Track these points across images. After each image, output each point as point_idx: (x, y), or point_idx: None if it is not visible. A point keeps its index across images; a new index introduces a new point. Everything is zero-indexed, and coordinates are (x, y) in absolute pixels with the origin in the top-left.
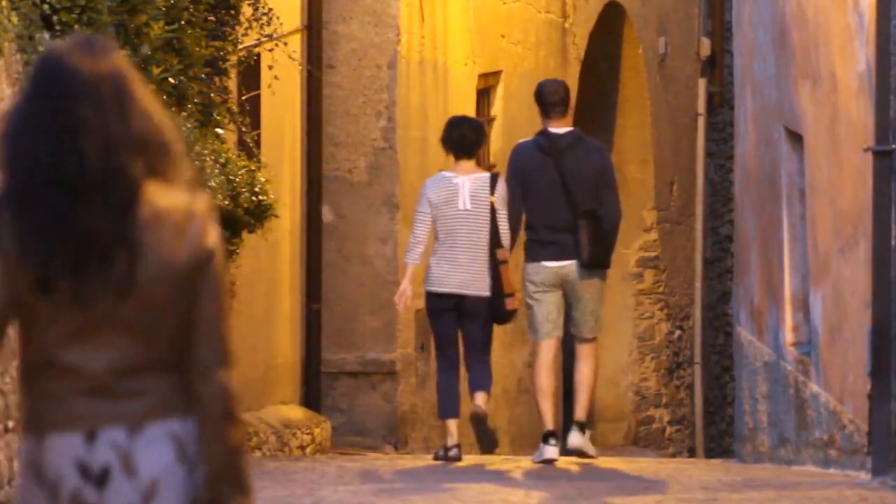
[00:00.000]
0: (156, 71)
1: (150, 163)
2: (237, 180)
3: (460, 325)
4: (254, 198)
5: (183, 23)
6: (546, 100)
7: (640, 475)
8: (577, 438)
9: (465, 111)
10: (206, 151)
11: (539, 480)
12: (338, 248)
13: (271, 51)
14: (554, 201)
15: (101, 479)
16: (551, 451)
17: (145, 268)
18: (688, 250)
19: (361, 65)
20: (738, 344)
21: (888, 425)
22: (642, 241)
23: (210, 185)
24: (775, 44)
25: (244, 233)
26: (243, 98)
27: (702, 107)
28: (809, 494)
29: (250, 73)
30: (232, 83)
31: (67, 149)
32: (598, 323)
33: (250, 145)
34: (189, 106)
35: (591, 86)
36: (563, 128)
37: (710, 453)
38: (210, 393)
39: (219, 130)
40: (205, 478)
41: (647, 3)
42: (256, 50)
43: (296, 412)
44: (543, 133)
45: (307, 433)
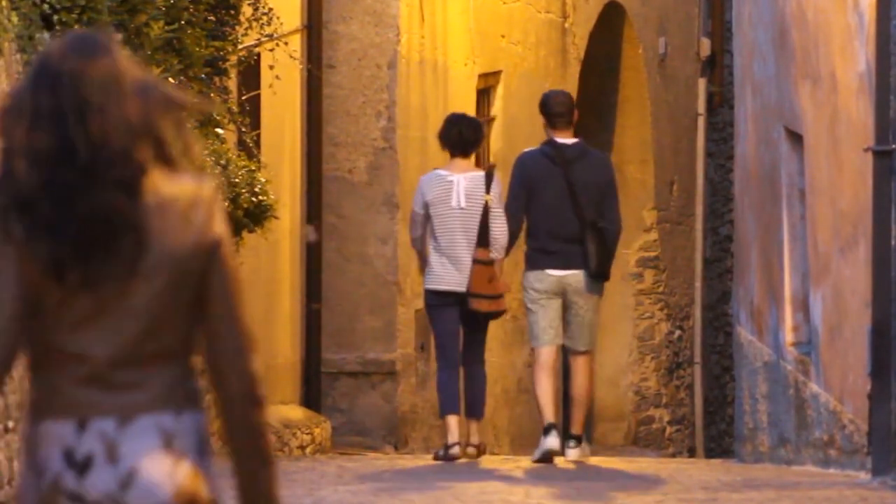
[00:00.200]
0: (156, 71)
1: (155, 149)
2: (237, 180)
3: (462, 321)
4: (254, 198)
5: (183, 23)
6: (552, 110)
7: (640, 475)
8: (575, 454)
9: (465, 111)
10: (206, 151)
11: (539, 480)
12: (338, 248)
13: (272, 51)
14: (560, 211)
15: (83, 466)
16: (552, 441)
17: (151, 252)
18: (688, 250)
19: (361, 65)
20: (738, 344)
21: (888, 425)
22: (642, 241)
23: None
24: (775, 44)
25: (244, 233)
26: (243, 98)
27: (702, 107)
28: (809, 494)
29: (250, 73)
30: (232, 83)
31: (69, 134)
32: (594, 336)
33: (250, 145)
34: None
35: (591, 86)
36: (568, 138)
37: (710, 453)
38: (234, 380)
39: (219, 130)
40: (233, 457)
41: (647, 3)
42: (256, 50)
43: (296, 412)
44: (550, 143)
45: (307, 433)
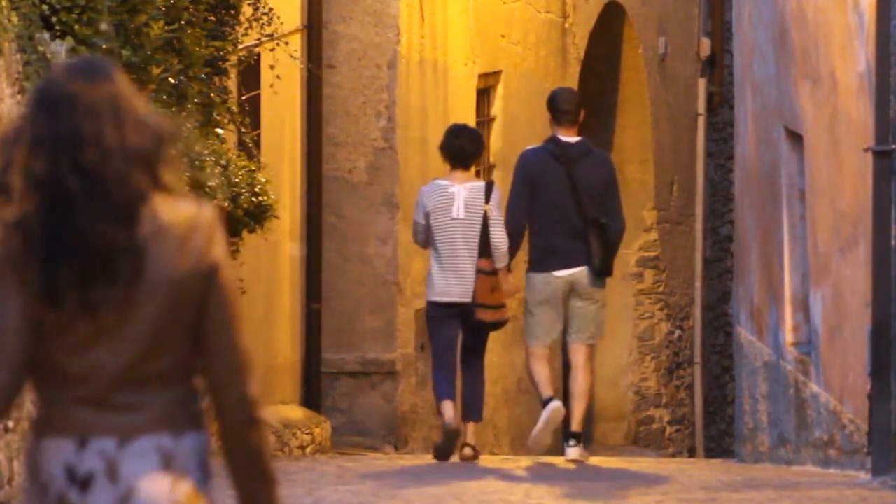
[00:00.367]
0: (156, 71)
1: (154, 175)
2: (237, 181)
3: (463, 331)
4: (254, 198)
5: (183, 23)
6: (560, 108)
7: (640, 475)
8: (574, 452)
9: (465, 111)
10: (206, 151)
11: (539, 480)
12: (338, 248)
13: (272, 51)
14: (564, 209)
15: (84, 483)
16: (554, 404)
17: (150, 278)
18: (688, 250)
19: (361, 65)
20: (738, 344)
21: (888, 425)
22: (642, 241)
23: (210, 185)
24: (775, 44)
25: (244, 233)
26: (243, 98)
27: (702, 107)
28: (809, 494)
29: (250, 73)
30: (232, 83)
31: (67, 162)
32: (599, 330)
33: (250, 145)
34: (189, 106)
35: (591, 86)
36: (572, 137)
37: (710, 453)
38: (231, 404)
39: (219, 130)
40: (233, 477)
41: (647, 3)
42: (256, 50)
43: (296, 412)
44: (554, 140)
45: (307, 433)
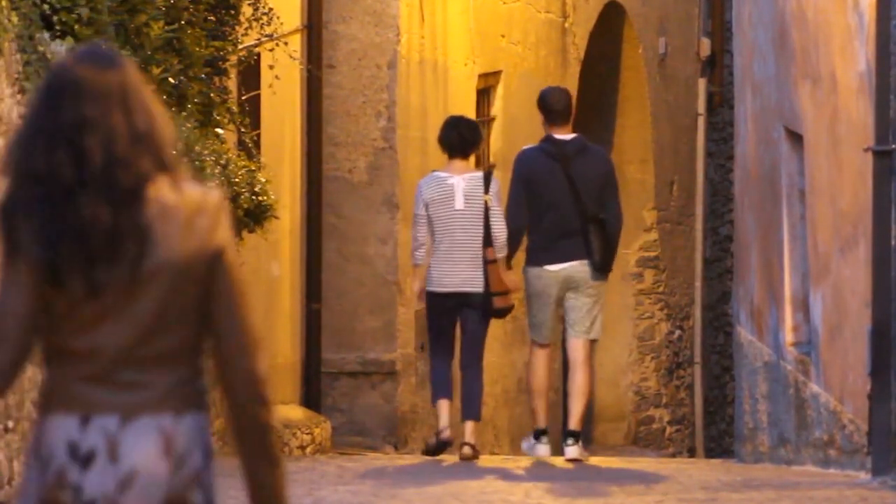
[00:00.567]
0: (156, 71)
1: (159, 159)
2: (237, 180)
3: (461, 321)
4: (254, 198)
5: (183, 23)
6: (551, 108)
7: (640, 475)
8: (573, 451)
9: (465, 111)
10: (206, 151)
11: (539, 480)
12: (338, 248)
13: (272, 51)
14: (562, 206)
15: (86, 460)
16: (543, 449)
17: (154, 259)
18: (688, 250)
19: (361, 65)
20: (738, 344)
21: (888, 425)
22: (642, 241)
23: (210, 185)
24: (775, 44)
25: (244, 233)
26: (243, 98)
27: (702, 107)
28: (809, 494)
29: (250, 73)
30: (232, 83)
31: (71, 145)
32: (596, 326)
33: (250, 145)
34: (189, 106)
35: (591, 86)
36: (566, 134)
37: (710, 453)
38: (237, 382)
39: (219, 130)
40: (239, 455)
41: (647, 3)
42: (256, 50)
43: (296, 412)
44: (549, 139)
45: (307, 433)
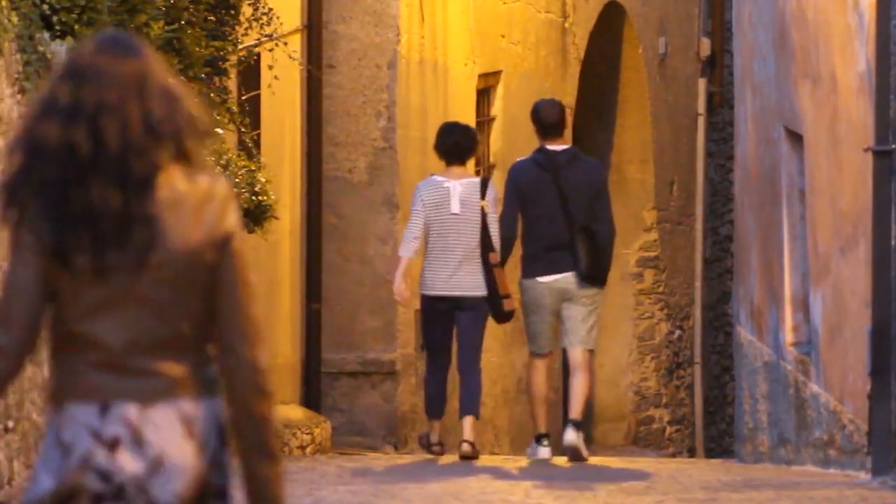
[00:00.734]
0: None
1: (173, 147)
2: (237, 180)
3: (456, 325)
4: (254, 198)
5: (183, 23)
6: (544, 122)
7: (640, 475)
8: (572, 435)
9: (465, 111)
10: (206, 151)
11: (539, 480)
12: (338, 248)
13: (271, 51)
14: (552, 217)
15: (112, 445)
16: (544, 451)
17: (163, 245)
18: (688, 250)
19: (361, 65)
20: (738, 344)
21: (888, 425)
22: (642, 241)
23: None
24: (775, 44)
25: (244, 233)
26: (243, 98)
27: (702, 107)
28: (809, 494)
29: (250, 73)
30: (232, 83)
31: (85, 129)
32: (592, 335)
33: (250, 145)
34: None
35: (591, 86)
36: (560, 145)
37: (710, 453)
38: (237, 368)
39: (219, 130)
40: (237, 448)
41: (647, 3)
42: (256, 50)
43: (296, 412)
44: (541, 150)
45: (307, 433)
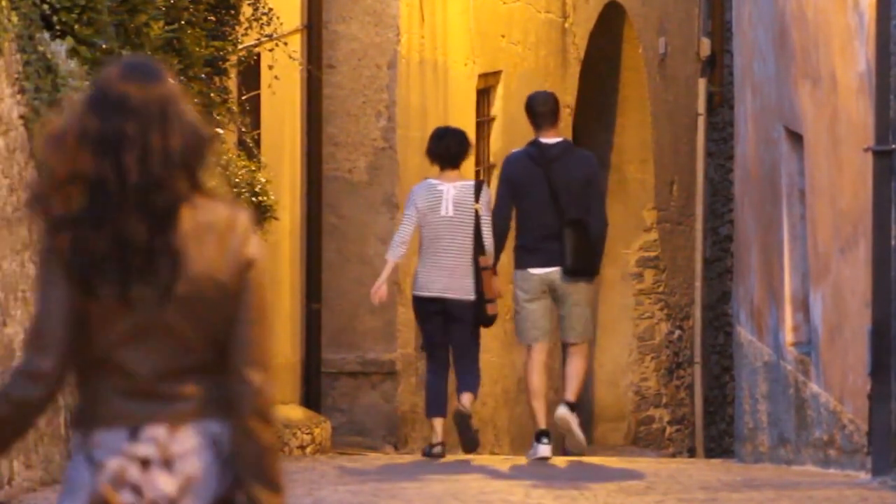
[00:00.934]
0: None
1: (194, 178)
2: (237, 181)
3: (447, 328)
4: (254, 198)
5: (183, 23)
6: (536, 111)
7: (640, 475)
8: (564, 409)
9: (465, 111)
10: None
11: (539, 480)
12: (338, 248)
13: (271, 51)
14: (543, 210)
15: (143, 464)
16: (544, 449)
17: (187, 277)
18: (688, 250)
19: (361, 65)
20: (738, 344)
21: (888, 425)
22: (642, 241)
23: (210, 185)
24: (775, 44)
25: None
26: (243, 98)
27: (702, 107)
28: (809, 494)
29: (250, 73)
30: (232, 83)
31: (111, 161)
32: (587, 328)
33: (250, 145)
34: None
35: (591, 86)
36: (553, 138)
37: (710, 453)
38: (243, 393)
39: (219, 130)
40: (239, 476)
41: (647, 3)
42: (256, 50)
43: (296, 412)
44: (534, 143)
45: (307, 433)
